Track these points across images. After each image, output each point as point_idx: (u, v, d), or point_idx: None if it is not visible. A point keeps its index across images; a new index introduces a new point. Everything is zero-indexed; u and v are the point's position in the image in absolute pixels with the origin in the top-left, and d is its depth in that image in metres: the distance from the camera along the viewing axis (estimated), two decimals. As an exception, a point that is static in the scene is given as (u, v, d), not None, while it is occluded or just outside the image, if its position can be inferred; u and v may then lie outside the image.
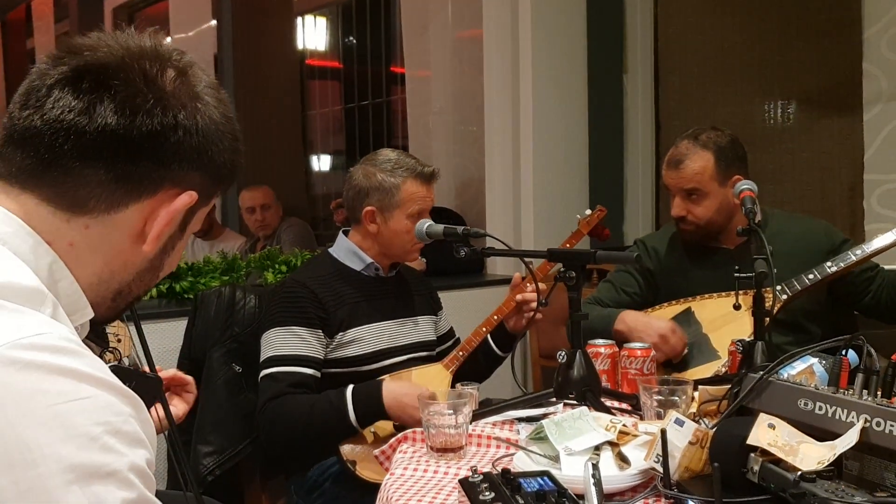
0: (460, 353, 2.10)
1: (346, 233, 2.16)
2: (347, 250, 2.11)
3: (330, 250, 2.16)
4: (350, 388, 1.91)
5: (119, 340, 1.05)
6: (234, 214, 5.11)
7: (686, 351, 2.03)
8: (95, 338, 0.97)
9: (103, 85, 0.78)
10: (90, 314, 0.84)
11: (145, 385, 0.95)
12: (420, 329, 2.18)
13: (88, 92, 0.77)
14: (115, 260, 0.83)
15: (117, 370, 0.89)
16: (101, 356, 0.94)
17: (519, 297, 2.06)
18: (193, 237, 4.72)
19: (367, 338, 2.05)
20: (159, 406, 1.09)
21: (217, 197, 0.92)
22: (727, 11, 3.36)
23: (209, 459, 2.09)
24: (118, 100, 0.78)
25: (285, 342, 1.96)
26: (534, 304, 2.02)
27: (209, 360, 2.19)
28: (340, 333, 2.01)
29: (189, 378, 1.49)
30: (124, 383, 0.89)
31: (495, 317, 2.11)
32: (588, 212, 2.16)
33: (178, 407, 1.47)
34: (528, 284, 2.06)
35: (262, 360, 1.98)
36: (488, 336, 2.13)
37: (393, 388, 1.90)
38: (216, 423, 2.13)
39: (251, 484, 2.20)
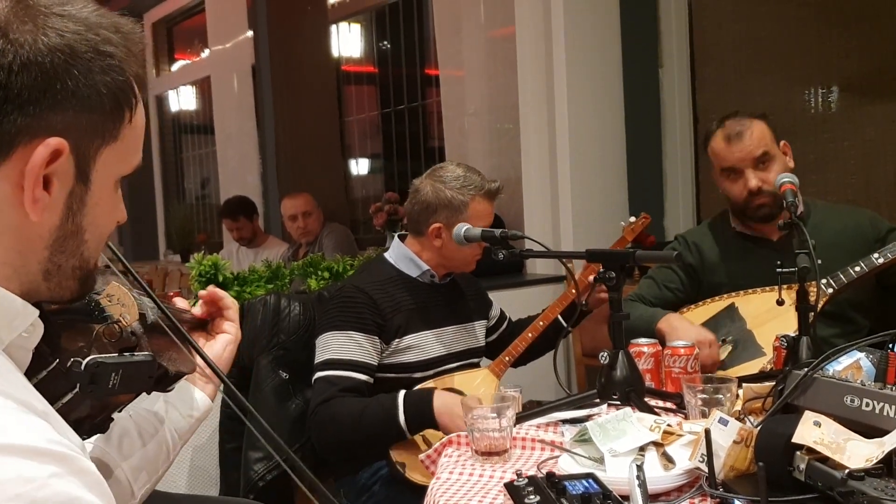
0: (506, 359, 2.11)
1: (401, 238, 2.18)
2: (404, 256, 2.13)
3: (386, 255, 2.18)
4: (402, 393, 1.93)
5: (124, 306, 0.98)
6: (277, 221, 5.19)
7: (720, 359, 2.01)
8: (87, 317, 0.92)
9: None
10: (33, 312, 0.75)
11: (134, 371, 0.88)
12: (472, 336, 2.20)
13: None
14: (16, 240, 0.71)
15: (98, 365, 0.83)
16: (102, 334, 0.89)
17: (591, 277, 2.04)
18: (238, 245, 4.81)
19: (422, 345, 2.07)
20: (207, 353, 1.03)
21: (123, 128, 0.76)
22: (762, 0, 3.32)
23: (260, 465, 2.13)
24: None
25: (342, 346, 1.98)
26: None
27: (256, 367, 2.23)
28: (397, 340, 2.03)
29: (219, 292, 1.27)
30: (107, 378, 0.83)
31: (541, 322, 2.11)
32: (632, 219, 2.15)
33: (230, 331, 1.26)
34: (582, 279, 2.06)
35: (317, 361, 2.00)
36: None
37: (445, 398, 1.91)
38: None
39: (301, 487, 2.24)
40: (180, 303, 1.27)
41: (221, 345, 1.25)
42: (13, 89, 0.66)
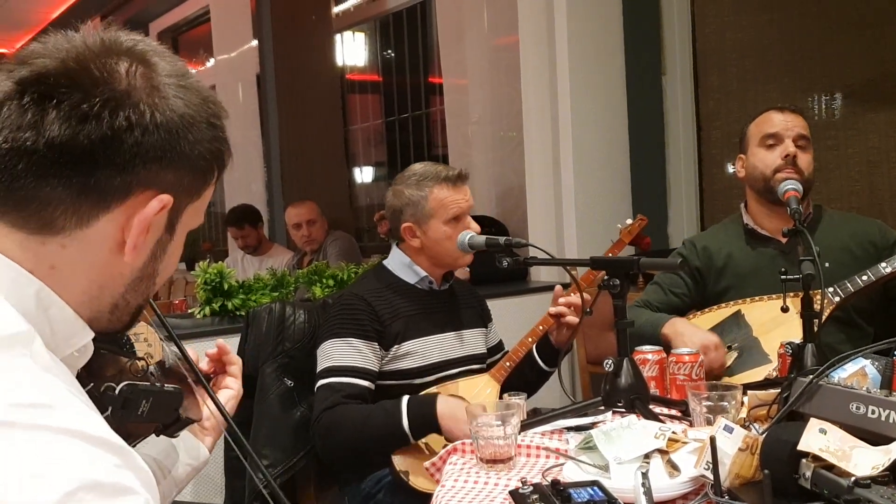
0: (507, 364, 2.11)
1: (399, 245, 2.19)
2: (402, 263, 2.15)
3: (385, 263, 2.20)
4: (405, 398, 1.94)
5: (150, 345, 1.03)
6: (282, 229, 5.21)
7: (727, 365, 2.00)
8: (118, 349, 0.95)
9: (47, 95, 0.73)
10: (89, 335, 0.81)
11: (163, 400, 0.93)
12: (471, 342, 2.20)
13: (33, 105, 0.73)
14: (101, 275, 0.79)
15: (132, 390, 0.88)
16: (128, 368, 0.92)
17: (552, 310, 2.07)
18: (243, 253, 4.83)
19: (420, 351, 2.08)
20: (208, 400, 1.07)
21: (208, 188, 0.85)
22: (764, 7, 3.33)
23: (264, 473, 2.13)
24: (63, 109, 0.72)
25: (343, 353, 1.99)
26: (570, 318, 2.03)
27: (261, 375, 2.24)
28: (395, 346, 2.04)
29: (227, 347, 1.33)
30: (138, 404, 0.88)
31: (540, 327, 2.11)
32: (629, 221, 2.16)
33: (233, 387, 1.31)
34: (571, 293, 2.07)
35: (318, 370, 2.02)
36: (534, 351, 2.14)
37: (448, 402, 1.91)
38: (270, 437, 2.18)
39: (306, 495, 2.24)
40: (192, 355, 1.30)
41: (223, 399, 1.28)
42: (144, 146, 0.75)
